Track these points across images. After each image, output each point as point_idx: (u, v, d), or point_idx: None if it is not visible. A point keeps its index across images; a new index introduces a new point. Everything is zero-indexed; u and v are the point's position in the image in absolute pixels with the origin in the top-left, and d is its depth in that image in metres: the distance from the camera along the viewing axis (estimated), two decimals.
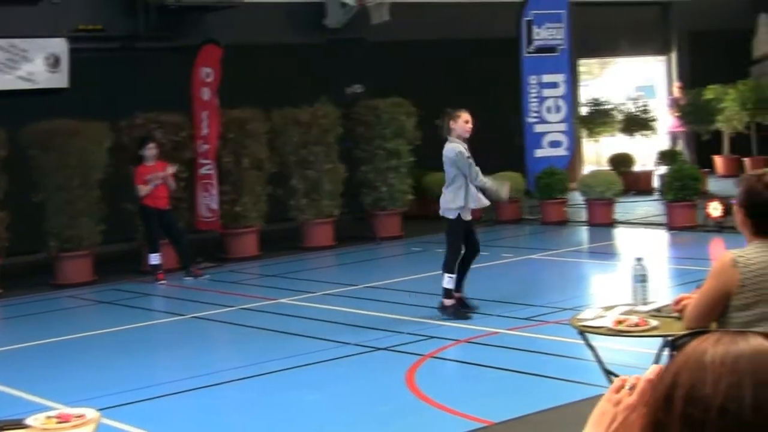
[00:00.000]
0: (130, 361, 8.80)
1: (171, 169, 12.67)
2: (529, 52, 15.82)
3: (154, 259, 12.76)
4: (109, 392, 7.61)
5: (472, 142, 9.54)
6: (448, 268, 9.52)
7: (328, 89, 15.19)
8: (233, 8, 15.93)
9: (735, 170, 19.30)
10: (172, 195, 12.87)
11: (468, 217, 9.52)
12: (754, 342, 1.53)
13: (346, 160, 15.10)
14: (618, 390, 1.74)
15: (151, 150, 12.65)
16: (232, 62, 14.32)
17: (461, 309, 9.55)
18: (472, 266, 9.70)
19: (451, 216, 9.47)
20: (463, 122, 9.44)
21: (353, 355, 8.46)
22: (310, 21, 17.31)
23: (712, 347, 1.54)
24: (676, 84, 21.22)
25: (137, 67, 15.30)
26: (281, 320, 10.05)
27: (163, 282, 12.66)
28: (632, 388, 1.72)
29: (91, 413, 4.27)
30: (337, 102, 15.15)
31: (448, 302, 9.55)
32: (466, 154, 9.39)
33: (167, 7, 15.42)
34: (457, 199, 9.41)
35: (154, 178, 12.50)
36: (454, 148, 9.37)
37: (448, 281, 9.52)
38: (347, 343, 8.80)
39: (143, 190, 12.50)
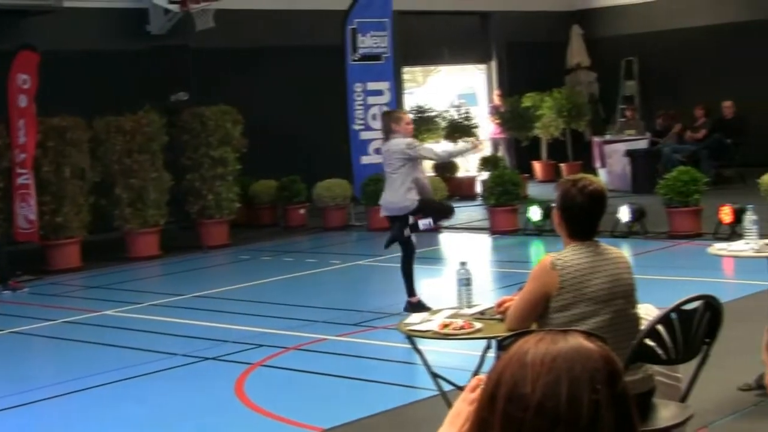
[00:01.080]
0: None
1: None
2: (354, 60, 15.94)
3: None
4: None
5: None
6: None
7: (152, 97, 14.93)
8: (51, 13, 15.43)
9: (553, 175, 19.99)
10: None
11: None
12: (573, 341, 1.58)
13: (172, 169, 14.88)
14: (473, 389, 1.76)
15: None
16: (51, 69, 13.89)
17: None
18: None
19: (405, 213, 9.38)
20: (405, 124, 9.46)
21: (181, 366, 8.33)
22: (132, 27, 16.96)
23: (533, 347, 1.58)
24: (495, 92, 21.82)
25: None
26: (106, 333, 9.80)
27: None
28: None
29: None
30: (161, 109, 14.90)
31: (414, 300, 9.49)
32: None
33: None
34: (410, 195, 9.36)
35: None
36: (404, 140, 9.27)
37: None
38: (174, 354, 8.66)
39: None
